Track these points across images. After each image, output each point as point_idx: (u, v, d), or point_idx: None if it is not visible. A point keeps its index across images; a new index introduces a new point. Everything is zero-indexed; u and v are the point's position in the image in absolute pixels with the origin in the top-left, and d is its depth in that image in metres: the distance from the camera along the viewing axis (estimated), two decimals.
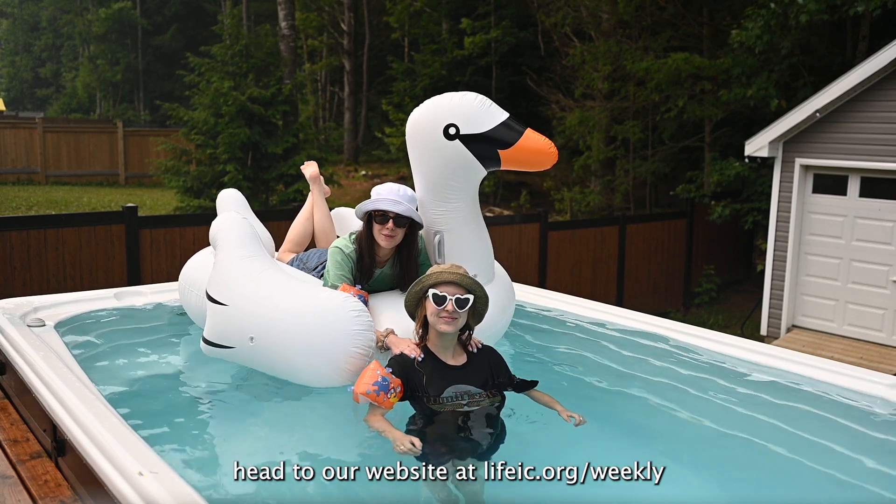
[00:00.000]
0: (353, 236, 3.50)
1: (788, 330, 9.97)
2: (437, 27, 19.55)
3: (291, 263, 4.10)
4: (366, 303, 3.33)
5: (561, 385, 3.39)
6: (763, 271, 10.52)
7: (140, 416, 2.93)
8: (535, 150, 3.24)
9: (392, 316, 3.33)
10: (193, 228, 8.07)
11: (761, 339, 9.86)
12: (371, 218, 3.40)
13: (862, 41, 12.02)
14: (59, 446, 2.75)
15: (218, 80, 14.01)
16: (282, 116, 14.67)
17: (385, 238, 3.37)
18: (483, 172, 3.41)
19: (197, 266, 3.92)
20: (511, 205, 17.90)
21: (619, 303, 11.29)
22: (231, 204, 4.38)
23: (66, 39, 39.30)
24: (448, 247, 3.48)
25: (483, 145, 3.29)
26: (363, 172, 22.30)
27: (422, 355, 2.94)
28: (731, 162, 11.98)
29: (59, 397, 2.76)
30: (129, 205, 7.95)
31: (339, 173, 17.79)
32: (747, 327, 11.23)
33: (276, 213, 10.10)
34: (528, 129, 3.28)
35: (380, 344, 3.20)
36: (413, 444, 2.65)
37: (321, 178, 4.47)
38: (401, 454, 2.67)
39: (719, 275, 13.16)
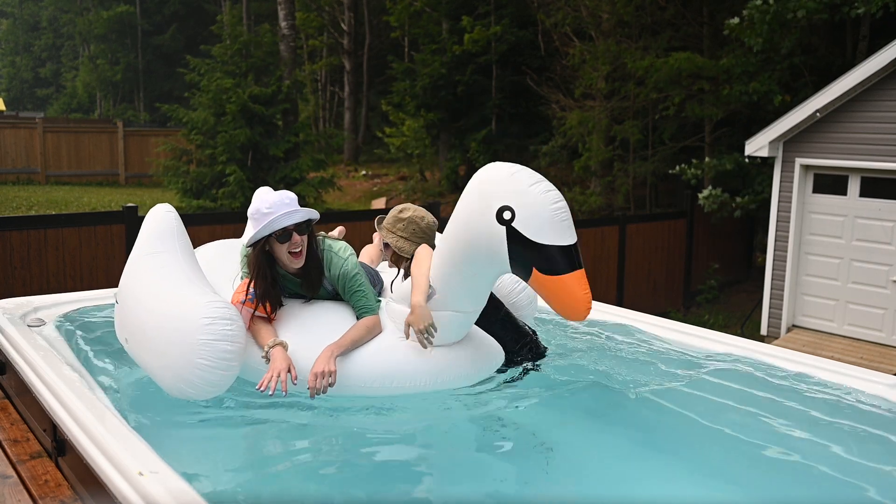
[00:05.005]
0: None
1: (788, 330, 9.97)
2: (437, 27, 19.55)
3: None
4: (264, 303, 3.05)
5: (558, 383, 3.39)
6: (764, 266, 10.52)
7: (140, 416, 2.93)
8: (572, 294, 2.78)
9: (293, 331, 3.09)
10: (193, 228, 8.04)
11: (761, 338, 9.86)
12: (267, 240, 3.03)
13: (862, 41, 12.03)
14: (59, 446, 2.76)
15: (218, 79, 14.01)
16: (282, 116, 14.68)
17: (295, 257, 3.04)
18: (507, 271, 2.92)
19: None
20: None
21: (619, 303, 11.29)
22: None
23: (66, 39, 39.32)
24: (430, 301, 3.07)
25: (526, 252, 2.78)
26: (363, 172, 22.30)
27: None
28: (733, 155, 12.05)
29: (59, 397, 2.76)
30: (129, 205, 7.95)
31: (339, 173, 17.78)
32: (747, 327, 11.23)
33: None
34: (582, 269, 2.80)
35: (263, 354, 3.00)
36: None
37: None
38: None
39: (719, 274, 13.17)
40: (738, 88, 11.90)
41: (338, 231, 4.38)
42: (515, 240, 2.78)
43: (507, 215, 2.78)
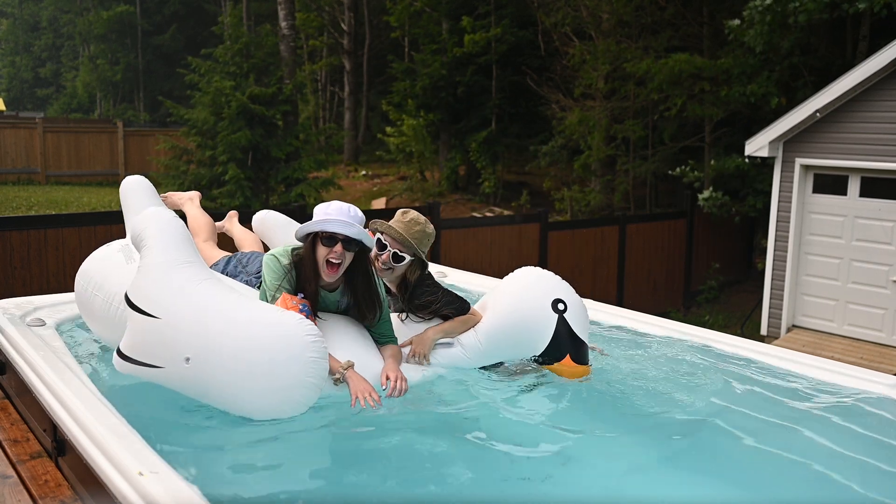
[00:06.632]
0: (294, 251, 3.13)
1: (788, 330, 9.97)
2: (437, 27, 19.55)
3: (228, 263, 3.68)
4: (311, 312, 3.06)
5: (558, 384, 3.39)
6: (763, 270, 10.52)
7: (140, 416, 2.93)
8: (577, 375, 3.42)
9: (347, 349, 3.09)
10: None
11: (761, 339, 9.86)
12: (315, 240, 3.03)
13: (862, 41, 12.02)
14: (59, 446, 2.76)
15: (218, 80, 14.01)
16: (282, 117, 14.68)
17: (330, 269, 3.02)
18: (527, 356, 3.47)
19: (102, 267, 3.48)
20: (511, 205, 17.90)
21: (620, 303, 11.29)
22: (140, 193, 3.81)
23: (66, 39, 39.32)
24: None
25: (567, 341, 3.38)
26: (363, 172, 22.30)
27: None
28: (733, 157, 12.04)
29: (59, 397, 2.76)
30: None
31: (339, 173, 17.77)
32: (747, 327, 11.24)
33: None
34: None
35: (336, 376, 2.97)
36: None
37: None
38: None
39: (719, 274, 13.17)
40: (738, 89, 11.90)
41: None
42: (563, 328, 3.38)
43: (560, 306, 3.41)
